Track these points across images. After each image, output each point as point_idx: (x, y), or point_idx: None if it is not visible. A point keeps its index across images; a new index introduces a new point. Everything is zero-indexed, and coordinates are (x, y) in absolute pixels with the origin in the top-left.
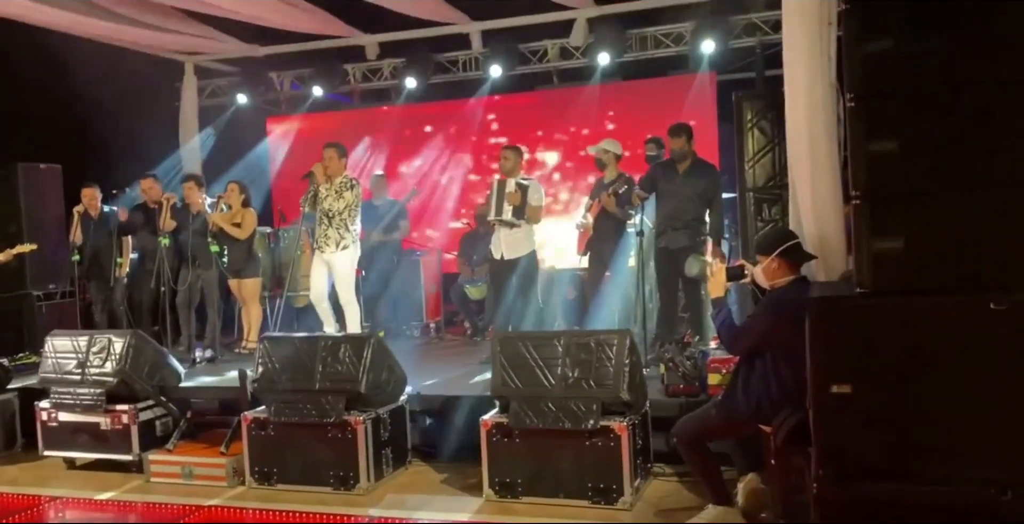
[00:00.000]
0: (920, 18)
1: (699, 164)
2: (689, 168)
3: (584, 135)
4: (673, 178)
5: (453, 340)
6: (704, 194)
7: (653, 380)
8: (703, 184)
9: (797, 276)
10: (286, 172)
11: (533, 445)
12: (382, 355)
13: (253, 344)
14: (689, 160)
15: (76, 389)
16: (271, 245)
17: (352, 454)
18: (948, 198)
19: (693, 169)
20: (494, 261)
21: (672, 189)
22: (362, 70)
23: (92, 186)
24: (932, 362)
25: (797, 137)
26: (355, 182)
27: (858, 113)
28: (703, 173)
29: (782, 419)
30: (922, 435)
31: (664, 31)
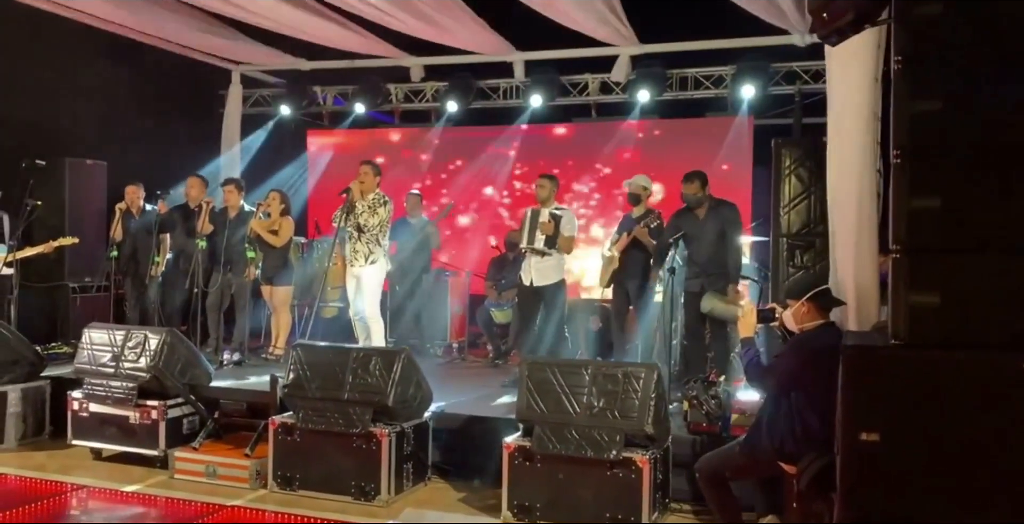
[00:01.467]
0: (971, 80)
1: (716, 206)
2: (708, 212)
3: (618, 169)
4: (695, 223)
5: (475, 362)
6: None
7: (675, 416)
8: (722, 223)
9: (826, 321)
10: (323, 185)
11: (554, 471)
12: (411, 370)
13: (280, 350)
14: (707, 204)
15: (109, 382)
16: (304, 255)
17: (375, 465)
18: (987, 257)
19: (711, 212)
20: (523, 287)
21: (697, 234)
22: (405, 91)
23: (136, 184)
24: (962, 417)
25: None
26: (387, 199)
27: (903, 169)
28: (720, 214)
29: (807, 463)
30: (948, 490)
31: (705, 73)
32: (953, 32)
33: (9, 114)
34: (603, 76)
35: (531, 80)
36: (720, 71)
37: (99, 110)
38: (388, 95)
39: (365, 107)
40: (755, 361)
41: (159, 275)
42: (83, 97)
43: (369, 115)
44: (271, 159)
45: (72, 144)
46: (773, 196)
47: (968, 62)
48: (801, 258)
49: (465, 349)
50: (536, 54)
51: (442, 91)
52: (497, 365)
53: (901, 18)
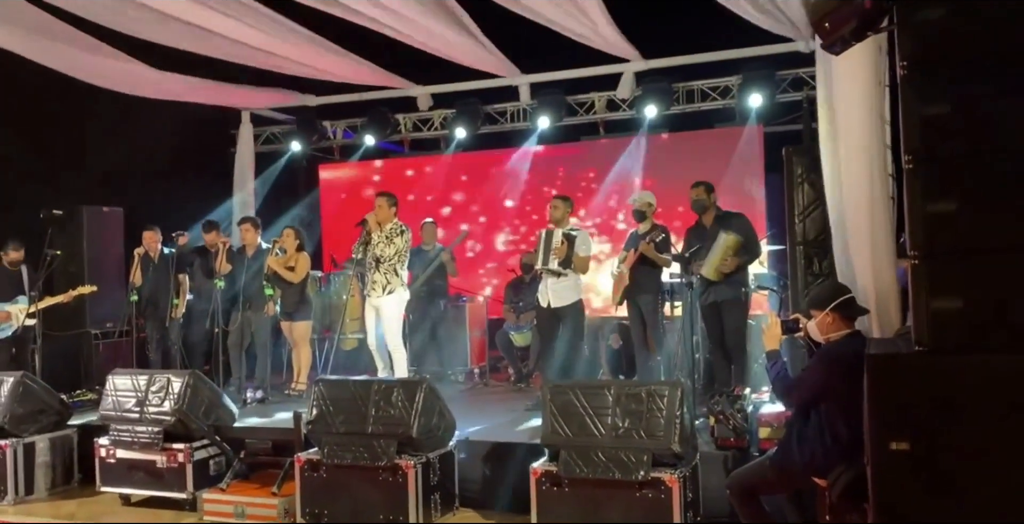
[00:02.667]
0: (978, 83)
1: (724, 216)
2: (715, 221)
3: (630, 186)
4: (703, 234)
5: (497, 386)
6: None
7: (702, 433)
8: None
9: (851, 330)
10: (337, 218)
11: (583, 495)
12: (433, 400)
13: (303, 385)
14: (712, 213)
15: (135, 427)
16: (322, 289)
17: (402, 498)
18: (1005, 258)
19: (719, 222)
20: (541, 309)
21: (706, 244)
22: (413, 120)
23: (153, 229)
24: (991, 421)
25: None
26: (405, 228)
27: (916, 174)
28: (729, 223)
29: (838, 474)
30: (980, 495)
31: (711, 84)
32: (957, 36)
33: (26, 167)
34: (609, 94)
35: (537, 102)
36: (726, 82)
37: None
38: (397, 125)
39: (375, 138)
40: (782, 374)
41: (180, 317)
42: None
43: (379, 146)
44: (284, 195)
45: (88, 192)
46: (787, 204)
47: (974, 65)
48: (819, 265)
49: (487, 374)
50: (541, 76)
51: (450, 118)
52: (520, 389)
53: (904, 24)
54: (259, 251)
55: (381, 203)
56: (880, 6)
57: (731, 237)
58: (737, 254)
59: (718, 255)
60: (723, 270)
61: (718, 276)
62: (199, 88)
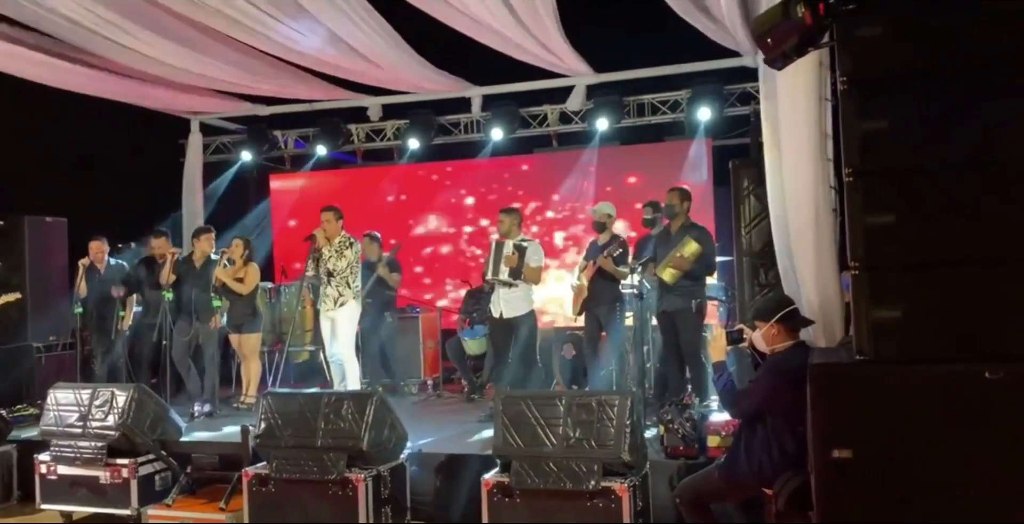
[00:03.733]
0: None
1: (691, 226)
2: (680, 230)
3: (582, 197)
4: (667, 241)
5: (451, 398)
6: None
7: (652, 442)
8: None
9: (796, 341)
10: (288, 229)
11: (534, 505)
12: (384, 412)
13: (251, 399)
14: (681, 222)
15: (77, 442)
16: (272, 301)
17: (352, 511)
18: (943, 270)
19: (684, 231)
20: (493, 319)
21: (666, 252)
22: (365, 130)
23: (99, 239)
24: (930, 429)
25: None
26: (353, 240)
27: (856, 187)
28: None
29: (783, 482)
30: (921, 501)
31: (660, 98)
32: (894, 53)
33: None
34: (561, 107)
35: (491, 114)
36: (675, 96)
37: (57, 166)
38: (349, 135)
39: (326, 149)
40: (729, 386)
41: (126, 329)
42: (39, 153)
43: (331, 156)
44: (234, 205)
45: (30, 201)
46: (734, 216)
47: (911, 81)
48: (765, 276)
49: (440, 385)
50: (494, 88)
51: (403, 129)
52: (473, 400)
53: (843, 41)
54: (208, 261)
55: (328, 217)
56: (820, 23)
57: (694, 245)
58: (695, 262)
59: (676, 259)
60: (678, 269)
61: (671, 279)
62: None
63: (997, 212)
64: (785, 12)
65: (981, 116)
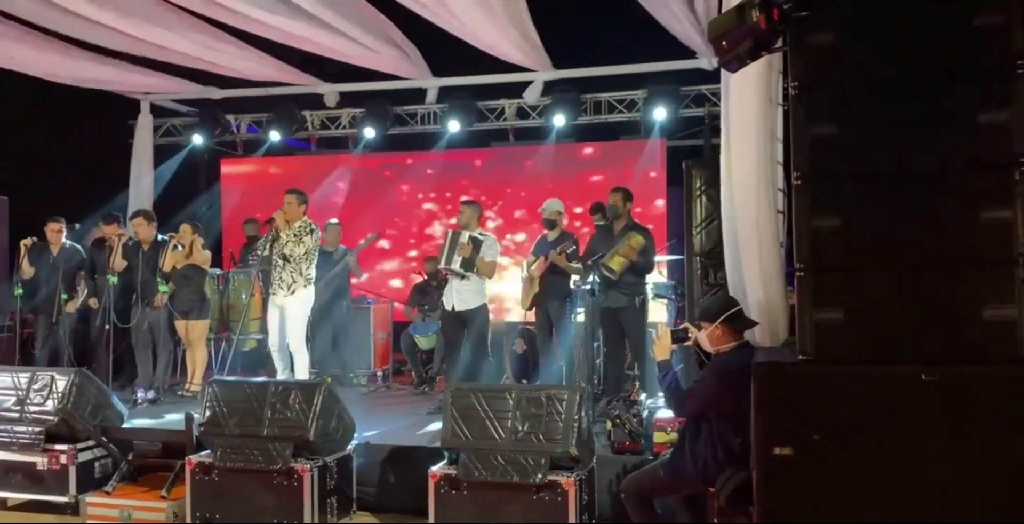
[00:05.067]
0: (864, 105)
1: (634, 226)
2: (623, 229)
3: (537, 192)
4: (608, 238)
5: (400, 389)
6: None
7: (599, 436)
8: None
9: (741, 342)
10: (238, 214)
11: (481, 498)
12: (332, 403)
13: (197, 387)
14: (624, 221)
15: (13, 427)
16: (220, 287)
17: (297, 502)
18: (886, 273)
19: (626, 231)
20: (446, 312)
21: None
22: (321, 117)
23: (57, 220)
24: (868, 427)
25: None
26: (314, 227)
27: (803, 191)
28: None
29: (726, 479)
30: (859, 497)
31: (617, 97)
32: (845, 60)
33: None
34: (519, 101)
35: (448, 106)
36: (632, 95)
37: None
38: (304, 122)
39: (280, 135)
40: (673, 386)
41: (72, 312)
42: None
43: (285, 142)
44: (184, 190)
45: None
46: (685, 216)
47: (861, 88)
48: (714, 276)
49: (390, 377)
50: (451, 80)
51: (359, 117)
52: (423, 392)
53: (796, 46)
54: (155, 245)
55: (290, 200)
56: (774, 28)
57: (638, 238)
58: (640, 255)
59: (622, 250)
60: (626, 258)
61: (619, 266)
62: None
63: (937, 217)
64: (740, 16)
65: (925, 123)
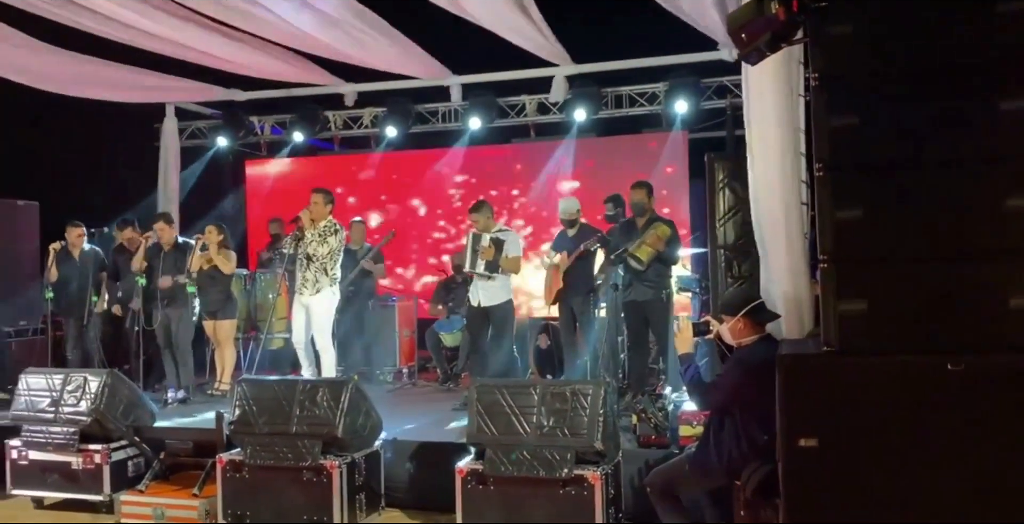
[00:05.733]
0: (885, 95)
1: (656, 220)
2: (646, 224)
3: (558, 188)
4: (632, 233)
5: (426, 386)
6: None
7: (625, 431)
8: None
9: (762, 334)
10: (263, 215)
11: (507, 493)
12: (359, 399)
13: (226, 386)
14: (647, 216)
15: (49, 428)
16: (247, 287)
17: (326, 498)
18: (909, 264)
19: (650, 223)
20: (471, 308)
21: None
22: (343, 117)
23: (77, 225)
24: (894, 419)
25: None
26: (339, 227)
27: (825, 182)
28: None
29: (751, 471)
30: (885, 489)
31: (638, 90)
32: (865, 50)
33: None
34: (540, 97)
35: (469, 103)
36: (653, 88)
37: (29, 149)
38: (326, 122)
39: (303, 135)
40: (696, 379)
41: (100, 314)
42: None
43: (308, 143)
44: (210, 191)
45: (2, 185)
46: (708, 209)
47: (882, 78)
48: (739, 269)
49: (416, 374)
50: (473, 77)
51: (380, 117)
52: (448, 389)
53: (816, 38)
54: (176, 247)
55: (317, 199)
56: (793, 20)
57: (664, 228)
58: (666, 244)
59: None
60: (653, 248)
61: (647, 257)
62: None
63: (959, 208)
64: (759, 8)
65: (946, 114)
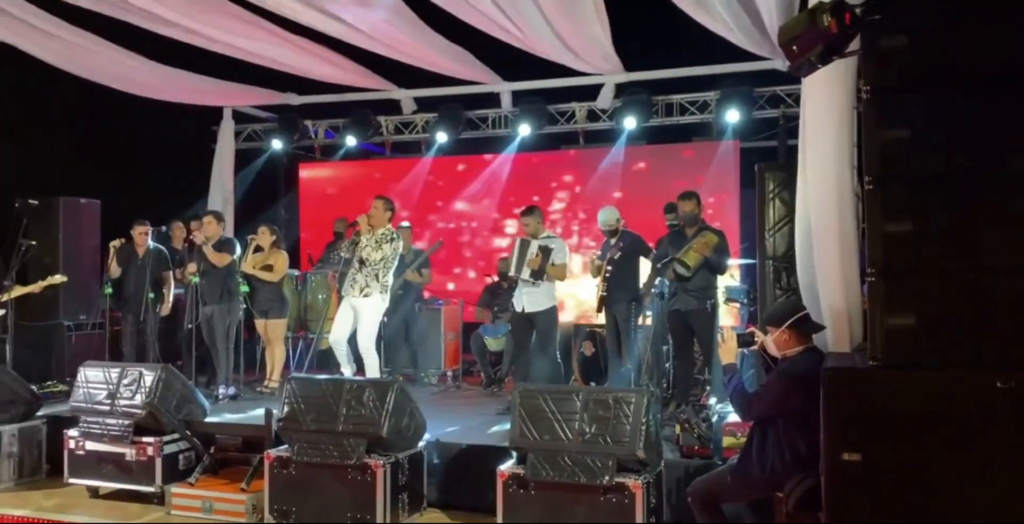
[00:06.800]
0: (937, 109)
1: (705, 229)
2: (696, 233)
3: (607, 195)
4: (682, 244)
5: (470, 390)
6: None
7: (668, 440)
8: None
9: (808, 346)
10: (316, 217)
11: (548, 498)
12: (404, 401)
13: (275, 383)
14: (697, 226)
15: (105, 419)
16: (298, 288)
17: (370, 497)
18: (959, 278)
19: (699, 231)
20: (515, 314)
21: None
22: (395, 122)
23: (144, 223)
24: (940, 434)
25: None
26: (396, 236)
27: (875, 195)
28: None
29: (794, 484)
30: (928, 506)
31: (690, 98)
32: (918, 63)
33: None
34: (590, 104)
35: (519, 109)
36: (705, 97)
37: (91, 148)
38: (379, 127)
39: (356, 139)
40: (739, 389)
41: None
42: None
43: (360, 147)
44: (264, 193)
45: (66, 183)
46: (758, 219)
47: (934, 91)
48: (787, 280)
49: (460, 377)
50: (523, 84)
51: (432, 122)
52: (493, 393)
53: (868, 50)
54: (220, 244)
55: (377, 205)
56: (845, 32)
57: (712, 236)
58: (713, 251)
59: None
60: (700, 254)
61: (694, 262)
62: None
63: (1010, 222)
64: (811, 20)
65: (1000, 126)
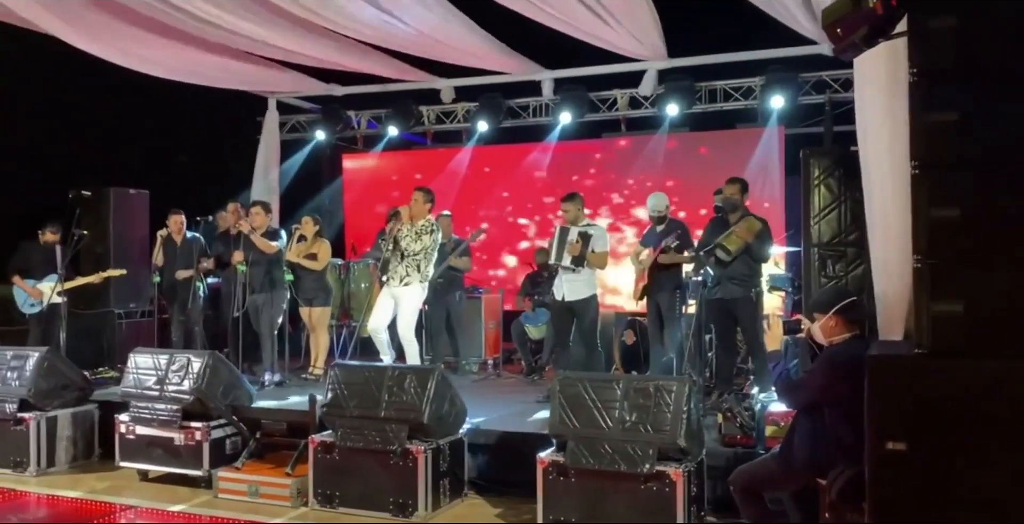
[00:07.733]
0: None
1: (748, 216)
2: (739, 219)
3: (650, 183)
4: (724, 230)
5: (510, 377)
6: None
7: (710, 429)
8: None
9: (854, 333)
10: (359, 207)
11: (588, 485)
12: (445, 387)
13: (319, 370)
14: (740, 213)
15: (154, 404)
16: (341, 276)
17: (412, 482)
18: (1007, 265)
19: (743, 221)
20: (555, 302)
21: None
22: (436, 112)
23: (179, 213)
24: (986, 424)
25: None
26: (436, 227)
27: (921, 180)
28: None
29: (837, 473)
30: (974, 495)
31: (733, 84)
32: (967, 45)
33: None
34: (632, 91)
35: (560, 97)
36: (749, 82)
37: (140, 139)
38: (420, 117)
39: (398, 129)
40: (784, 376)
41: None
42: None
43: (402, 137)
44: (308, 183)
45: (115, 174)
46: (803, 206)
47: (982, 74)
48: (833, 268)
49: (500, 365)
50: (564, 72)
51: (473, 111)
52: (533, 381)
53: (915, 32)
54: (267, 234)
55: (417, 197)
56: (891, 13)
57: (755, 222)
58: (755, 236)
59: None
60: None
61: (735, 246)
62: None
63: None
64: (856, 2)
65: None
